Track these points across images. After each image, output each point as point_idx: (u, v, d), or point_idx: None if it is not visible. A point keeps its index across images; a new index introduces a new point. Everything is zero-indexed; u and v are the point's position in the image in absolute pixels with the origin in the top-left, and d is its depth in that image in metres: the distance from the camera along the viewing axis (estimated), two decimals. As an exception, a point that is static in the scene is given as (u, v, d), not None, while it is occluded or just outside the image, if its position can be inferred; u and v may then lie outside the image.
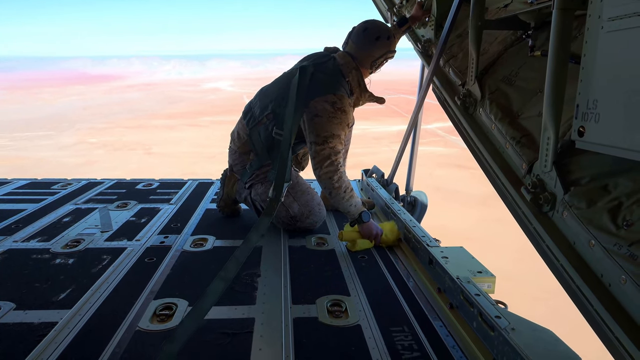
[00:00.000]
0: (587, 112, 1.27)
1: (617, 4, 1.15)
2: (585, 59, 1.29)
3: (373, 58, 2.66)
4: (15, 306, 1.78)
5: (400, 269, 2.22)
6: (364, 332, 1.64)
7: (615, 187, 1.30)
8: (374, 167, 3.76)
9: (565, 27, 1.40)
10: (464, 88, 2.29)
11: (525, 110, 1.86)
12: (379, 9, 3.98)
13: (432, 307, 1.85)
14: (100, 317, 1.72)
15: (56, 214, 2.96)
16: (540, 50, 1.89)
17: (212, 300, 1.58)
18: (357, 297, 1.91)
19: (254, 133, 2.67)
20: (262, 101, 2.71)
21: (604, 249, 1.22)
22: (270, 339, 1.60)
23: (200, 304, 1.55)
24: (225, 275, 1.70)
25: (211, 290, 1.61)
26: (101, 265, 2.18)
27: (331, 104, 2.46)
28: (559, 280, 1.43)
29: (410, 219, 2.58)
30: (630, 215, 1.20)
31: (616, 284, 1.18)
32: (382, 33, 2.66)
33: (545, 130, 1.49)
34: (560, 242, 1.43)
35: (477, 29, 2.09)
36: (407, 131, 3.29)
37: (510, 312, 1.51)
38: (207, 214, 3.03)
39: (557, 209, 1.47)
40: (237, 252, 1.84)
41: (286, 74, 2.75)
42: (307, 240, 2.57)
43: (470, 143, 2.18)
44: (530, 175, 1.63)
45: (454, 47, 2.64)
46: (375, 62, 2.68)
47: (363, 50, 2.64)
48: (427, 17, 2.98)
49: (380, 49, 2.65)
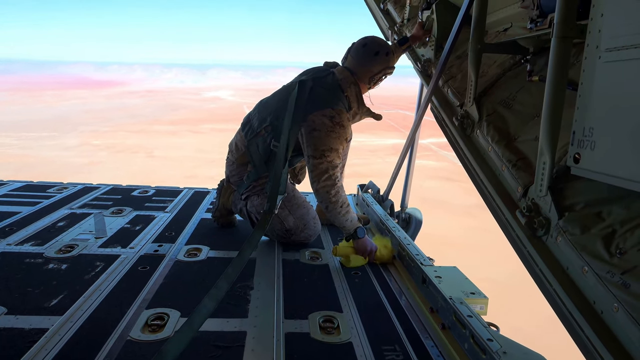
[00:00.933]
0: (583, 139, 1.29)
1: (615, 36, 1.18)
2: (582, 87, 1.31)
3: (372, 73, 2.68)
4: (6, 311, 1.77)
5: (393, 287, 2.22)
6: (355, 350, 1.63)
7: (609, 215, 1.31)
8: (370, 182, 3.77)
9: (563, 55, 1.42)
10: (462, 109, 2.32)
11: (522, 133, 1.88)
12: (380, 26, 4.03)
13: (424, 326, 1.85)
14: (92, 325, 1.71)
15: (51, 218, 2.94)
16: (538, 75, 1.93)
17: (202, 318, 1.57)
18: (349, 313, 1.91)
19: (252, 145, 2.68)
20: (261, 113, 2.72)
21: (596, 276, 1.24)
22: (261, 353, 1.59)
23: (191, 321, 1.53)
24: (217, 293, 1.68)
25: (202, 308, 1.59)
26: (94, 272, 2.17)
27: (330, 118, 2.48)
28: (551, 304, 1.44)
29: (404, 237, 2.58)
30: (624, 243, 1.21)
31: (608, 311, 1.19)
32: (381, 49, 2.68)
33: (541, 155, 1.51)
34: (553, 267, 1.44)
35: (476, 52, 2.13)
36: (404, 148, 3.32)
37: (502, 335, 1.52)
38: (202, 224, 3.03)
39: (551, 233, 1.49)
40: (230, 268, 1.82)
41: (285, 87, 2.77)
42: (301, 254, 2.57)
43: (466, 164, 2.20)
44: (525, 199, 1.64)
45: (453, 68, 2.68)
46: (373, 77, 2.70)
47: (362, 66, 2.67)
48: (427, 37, 3.03)
49: (379, 64, 2.68)
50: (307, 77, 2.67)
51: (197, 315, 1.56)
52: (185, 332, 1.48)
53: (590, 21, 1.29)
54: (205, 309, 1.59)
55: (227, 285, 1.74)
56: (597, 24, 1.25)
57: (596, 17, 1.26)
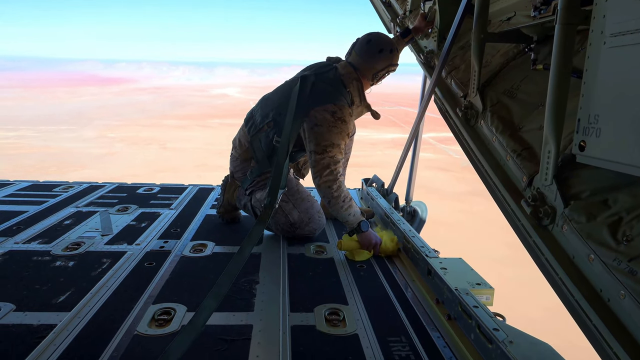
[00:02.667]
0: (588, 127, 1.28)
1: (619, 20, 1.16)
2: (587, 73, 1.30)
3: (375, 70, 2.68)
4: (15, 307, 1.78)
5: (399, 279, 2.22)
6: (361, 342, 1.63)
7: (615, 202, 1.30)
8: (374, 176, 3.76)
9: (567, 42, 1.41)
10: (465, 100, 2.30)
11: (527, 123, 1.87)
12: (383, 19, 4.01)
13: (430, 317, 1.84)
14: (99, 321, 1.72)
15: (57, 217, 2.96)
16: (542, 64, 1.91)
17: (205, 317, 1.56)
18: (355, 306, 1.91)
19: (255, 140, 2.68)
20: (263, 109, 2.72)
21: (603, 264, 1.23)
22: (267, 346, 1.60)
23: (194, 321, 1.53)
24: (219, 291, 1.67)
25: (204, 307, 1.59)
26: (101, 268, 2.18)
27: (331, 113, 2.48)
28: (558, 293, 1.43)
29: (409, 229, 2.58)
30: (630, 231, 1.20)
31: (615, 299, 1.18)
32: (385, 46, 2.68)
33: (546, 144, 1.50)
34: (559, 256, 1.43)
35: (479, 42, 2.11)
36: (407, 141, 3.30)
37: (509, 325, 1.51)
38: (207, 220, 3.03)
39: (557, 222, 1.48)
40: (231, 264, 1.81)
41: (288, 82, 2.77)
42: (306, 248, 2.57)
43: (471, 155, 2.19)
44: (530, 188, 1.63)
45: (457, 59, 2.66)
46: (377, 74, 2.70)
47: (365, 62, 2.66)
48: (430, 29, 3.00)
49: (383, 61, 2.68)
50: (309, 73, 2.67)
51: (200, 315, 1.55)
52: (189, 332, 1.48)
53: (595, 6, 1.27)
54: (208, 308, 1.59)
55: (228, 282, 1.73)
56: (602, 9, 1.24)
57: (600, 2, 1.25)
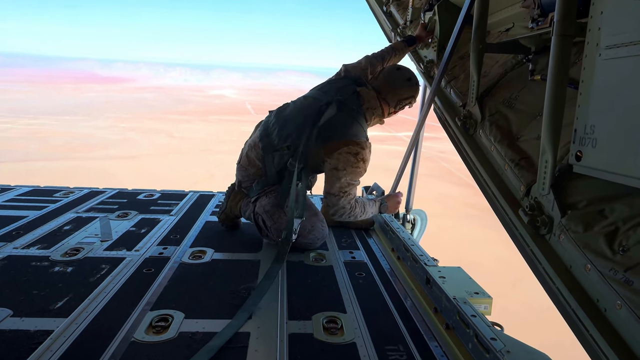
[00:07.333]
0: (584, 137, 1.29)
1: (614, 33, 1.18)
2: (583, 85, 1.31)
3: (400, 97, 2.79)
4: (12, 313, 1.78)
5: (397, 287, 2.22)
6: (359, 350, 1.63)
7: (612, 212, 1.31)
8: (375, 184, 3.77)
9: (564, 53, 1.42)
10: (464, 109, 2.32)
11: (525, 133, 1.88)
12: (384, 29, 4.04)
13: (428, 326, 1.84)
14: (96, 327, 1.72)
15: (57, 222, 2.97)
16: (540, 74, 1.92)
17: None
18: (353, 314, 1.91)
19: (267, 156, 2.68)
20: (282, 130, 2.68)
21: (599, 274, 1.23)
22: (265, 354, 1.59)
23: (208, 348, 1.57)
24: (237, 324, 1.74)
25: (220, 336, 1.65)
26: (99, 274, 2.19)
27: (354, 155, 2.52)
28: (555, 302, 1.43)
29: (408, 237, 2.58)
30: (627, 241, 1.21)
31: (612, 309, 1.19)
32: (413, 77, 2.82)
33: (543, 154, 1.51)
34: (556, 265, 1.43)
35: (478, 52, 2.13)
36: (407, 150, 3.31)
37: (507, 334, 1.51)
38: (207, 226, 3.04)
39: (554, 232, 1.48)
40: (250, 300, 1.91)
41: (309, 102, 2.74)
42: (305, 255, 2.57)
43: (469, 163, 2.20)
44: (528, 198, 1.64)
45: (456, 69, 2.68)
46: (401, 101, 2.81)
47: (393, 87, 2.77)
48: (430, 39, 3.03)
49: (408, 90, 2.80)
50: (331, 99, 2.66)
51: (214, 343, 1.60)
52: None
53: (590, 19, 1.29)
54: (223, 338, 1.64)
55: (246, 315, 1.81)
56: (597, 22, 1.26)
57: (596, 15, 1.27)
